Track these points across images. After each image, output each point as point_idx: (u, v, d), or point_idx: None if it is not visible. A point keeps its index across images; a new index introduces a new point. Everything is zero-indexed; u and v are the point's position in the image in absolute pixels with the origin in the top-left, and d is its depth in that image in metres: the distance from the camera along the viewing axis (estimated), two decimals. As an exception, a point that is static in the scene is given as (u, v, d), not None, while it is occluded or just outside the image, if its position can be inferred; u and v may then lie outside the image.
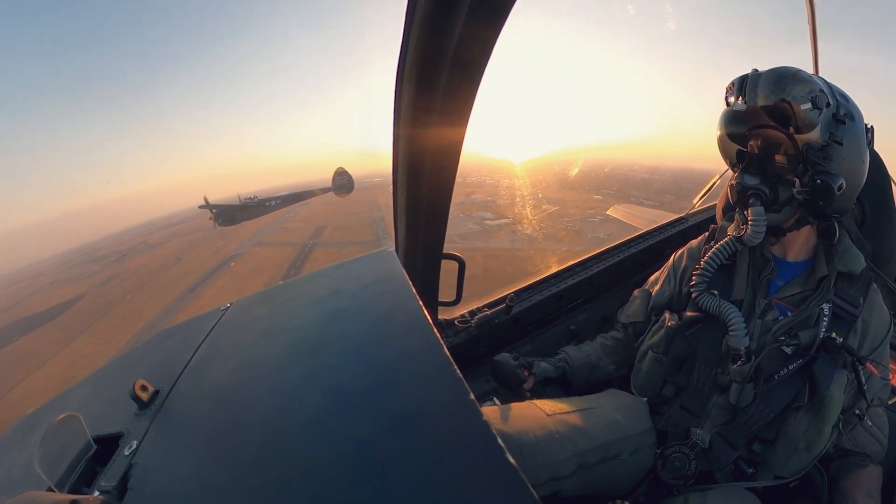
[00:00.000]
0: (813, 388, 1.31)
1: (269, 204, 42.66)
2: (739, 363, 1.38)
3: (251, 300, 1.40)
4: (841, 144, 1.26)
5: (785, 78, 1.27)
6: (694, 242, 1.75)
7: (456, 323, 2.14)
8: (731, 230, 1.51)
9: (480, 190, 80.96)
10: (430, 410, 0.70)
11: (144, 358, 1.32)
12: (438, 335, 0.86)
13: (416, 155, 1.35)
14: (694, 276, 1.54)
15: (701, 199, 2.87)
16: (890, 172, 1.76)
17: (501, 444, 0.59)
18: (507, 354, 1.74)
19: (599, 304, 2.52)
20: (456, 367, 0.75)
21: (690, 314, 1.55)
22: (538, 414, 1.45)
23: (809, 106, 1.23)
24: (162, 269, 69.97)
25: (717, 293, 1.49)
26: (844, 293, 1.40)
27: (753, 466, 1.42)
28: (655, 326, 1.62)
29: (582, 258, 2.58)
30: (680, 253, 1.77)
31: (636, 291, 1.85)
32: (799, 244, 1.49)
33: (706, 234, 1.71)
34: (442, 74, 1.07)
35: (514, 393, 1.73)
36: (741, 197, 1.37)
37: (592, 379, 1.81)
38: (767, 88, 1.27)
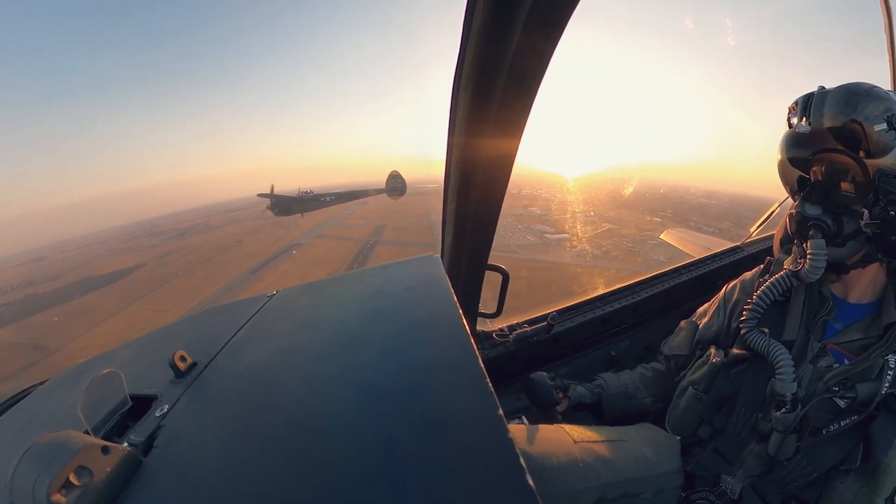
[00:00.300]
0: (868, 450, 1.17)
1: (324, 199, 44.27)
2: (784, 410, 1.26)
3: (297, 290, 1.45)
4: None
5: (856, 95, 1.16)
6: (748, 275, 1.64)
7: (494, 336, 2.13)
8: (787, 264, 1.39)
9: (536, 203, 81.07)
10: (456, 420, 0.69)
11: (188, 331, 1.39)
12: (475, 346, 0.85)
13: (468, 164, 1.35)
14: (744, 311, 1.43)
15: (758, 228, 2.70)
16: None
17: (523, 464, 0.58)
18: (543, 373, 1.71)
19: (644, 331, 2.43)
20: (488, 380, 0.74)
21: (737, 352, 1.44)
22: (565, 439, 1.40)
23: (885, 127, 1.12)
24: (223, 249, 74.09)
25: (767, 331, 1.37)
26: None
27: None
28: (699, 362, 1.54)
29: (630, 282, 2.50)
30: (732, 285, 1.66)
31: (683, 322, 1.77)
32: (864, 284, 1.33)
33: (761, 266, 1.59)
34: (498, 85, 1.07)
35: (544, 414, 1.69)
36: (800, 228, 1.26)
37: (627, 409, 1.75)
38: (835, 108, 1.17)
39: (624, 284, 2.47)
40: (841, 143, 1.19)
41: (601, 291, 2.43)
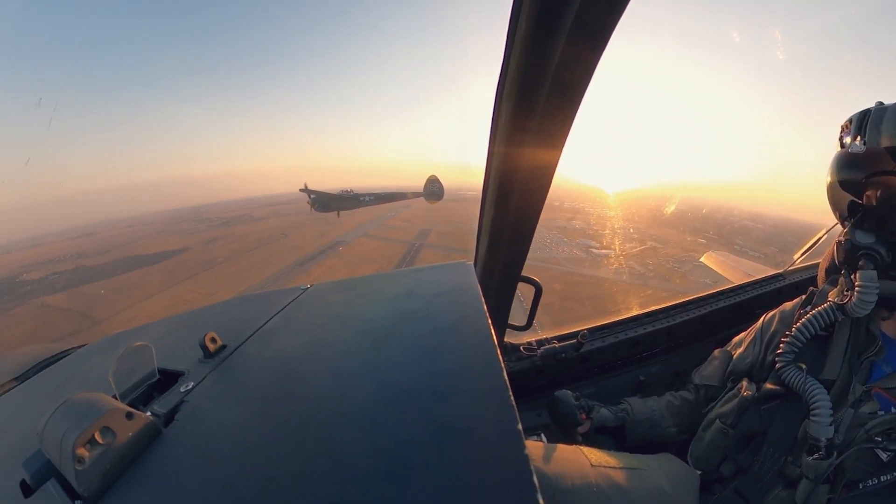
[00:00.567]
0: None
1: (362, 199, 45.18)
2: (817, 456, 1.16)
3: (331, 286, 1.48)
4: None
5: None
6: (788, 305, 1.53)
7: (521, 349, 2.10)
8: (832, 296, 1.30)
9: (580, 217, 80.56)
10: (473, 429, 0.69)
11: (221, 314, 1.44)
12: (500, 357, 0.84)
13: (508, 173, 1.35)
14: (782, 343, 1.34)
15: (803, 255, 2.55)
16: None
17: (536, 482, 0.57)
18: (568, 392, 1.68)
19: (675, 357, 2.34)
20: (511, 393, 0.74)
21: (770, 387, 1.35)
22: (582, 461, 1.36)
23: None
24: (269, 240, 76.91)
25: (804, 367, 1.27)
26: None
27: None
28: (729, 394, 1.46)
29: (665, 305, 2.42)
30: (771, 315, 1.56)
31: (716, 351, 1.69)
32: None
33: (804, 296, 1.47)
34: (541, 95, 1.06)
35: (564, 433, 1.66)
36: (850, 257, 1.18)
37: (650, 437, 1.68)
38: (895, 126, 1.08)
39: (658, 307, 2.40)
40: None
41: (635, 312, 2.36)
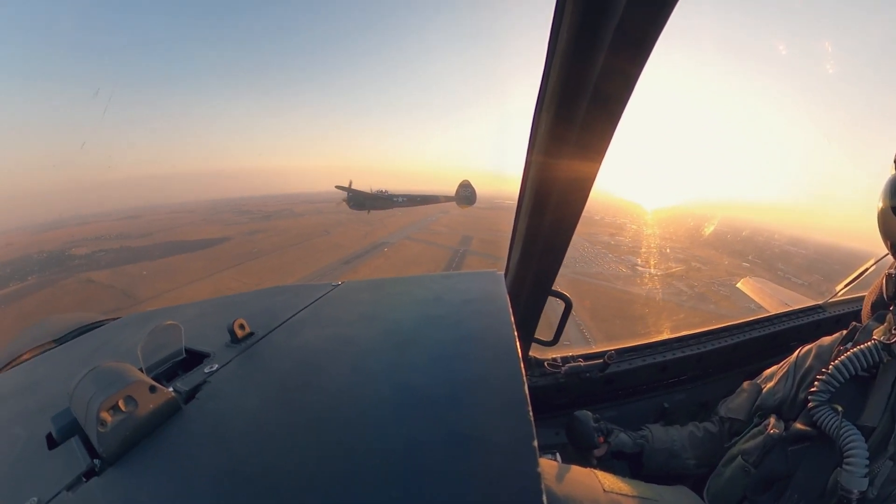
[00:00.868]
0: None
1: (396, 199, 45.79)
2: None
3: (360, 284, 1.50)
4: None
5: None
6: (827, 340, 1.42)
7: (546, 364, 2.07)
8: (877, 333, 1.20)
9: (622, 233, 79.28)
10: (488, 440, 0.68)
11: (251, 303, 1.48)
12: (523, 370, 0.84)
13: (545, 184, 1.33)
14: (817, 381, 1.24)
15: (846, 287, 2.39)
16: None
17: (545, 501, 0.57)
18: (588, 413, 1.64)
19: (703, 386, 2.26)
20: (530, 407, 0.73)
21: (800, 427, 1.25)
22: (595, 485, 1.30)
23: None
24: (311, 236, 78.61)
25: (840, 410, 1.16)
26: None
27: None
28: (755, 430, 1.37)
29: (696, 331, 2.33)
30: (807, 349, 1.45)
31: (746, 383, 1.60)
32: None
33: (844, 332, 1.37)
34: (581, 106, 1.05)
35: (580, 455, 1.62)
36: None
37: (668, 468, 1.62)
38: None
39: (689, 332, 2.31)
40: None
41: (665, 336, 2.28)
